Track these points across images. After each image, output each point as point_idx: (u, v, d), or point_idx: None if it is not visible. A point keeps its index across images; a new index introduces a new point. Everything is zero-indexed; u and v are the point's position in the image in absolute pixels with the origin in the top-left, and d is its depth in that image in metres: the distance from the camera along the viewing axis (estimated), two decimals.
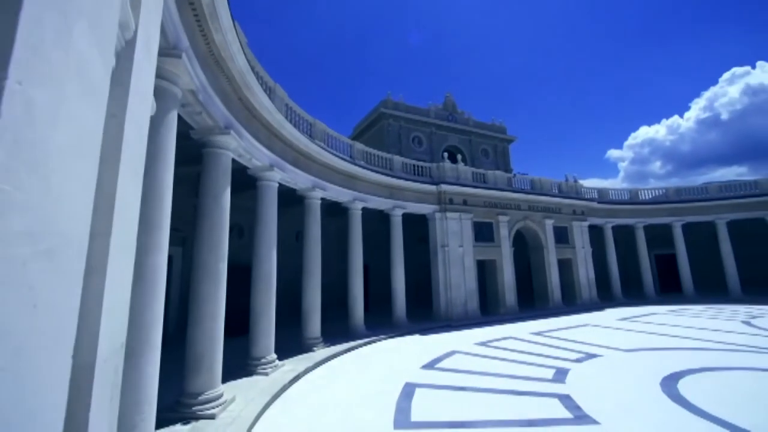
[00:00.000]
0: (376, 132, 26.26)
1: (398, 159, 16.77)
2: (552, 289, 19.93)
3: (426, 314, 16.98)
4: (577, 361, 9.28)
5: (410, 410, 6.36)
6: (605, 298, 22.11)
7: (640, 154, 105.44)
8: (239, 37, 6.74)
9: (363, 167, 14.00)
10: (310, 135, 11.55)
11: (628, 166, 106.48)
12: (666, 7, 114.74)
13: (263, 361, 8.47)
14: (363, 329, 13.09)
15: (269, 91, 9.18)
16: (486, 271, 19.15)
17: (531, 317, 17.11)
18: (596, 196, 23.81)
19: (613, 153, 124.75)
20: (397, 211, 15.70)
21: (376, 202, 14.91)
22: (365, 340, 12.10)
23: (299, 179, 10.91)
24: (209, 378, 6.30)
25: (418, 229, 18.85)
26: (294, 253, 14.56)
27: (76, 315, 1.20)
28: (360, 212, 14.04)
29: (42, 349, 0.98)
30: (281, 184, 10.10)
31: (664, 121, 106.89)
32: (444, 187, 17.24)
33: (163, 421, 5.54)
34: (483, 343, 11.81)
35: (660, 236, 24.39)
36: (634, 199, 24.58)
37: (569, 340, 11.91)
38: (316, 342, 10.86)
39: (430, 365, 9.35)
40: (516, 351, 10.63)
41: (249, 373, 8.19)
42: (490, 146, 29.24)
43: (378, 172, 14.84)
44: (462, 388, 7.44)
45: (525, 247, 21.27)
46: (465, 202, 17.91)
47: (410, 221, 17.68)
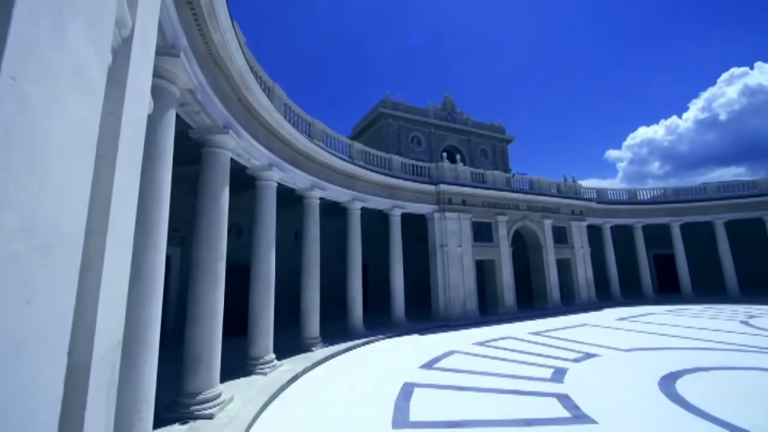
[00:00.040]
0: (375, 132, 26.26)
1: (397, 159, 16.77)
2: (551, 289, 19.95)
3: (425, 314, 16.98)
4: (576, 361, 9.29)
5: (409, 410, 6.37)
6: (604, 298, 22.14)
7: (639, 155, 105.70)
8: (238, 37, 6.73)
9: (362, 167, 13.99)
10: (309, 134, 11.55)
11: (627, 167, 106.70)
12: (664, 8, 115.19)
13: (262, 361, 8.46)
14: (362, 329, 13.09)
15: (268, 91, 9.17)
16: (485, 271, 19.17)
17: (530, 317, 17.13)
18: (595, 196, 23.84)
19: (612, 153, 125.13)
20: (396, 211, 15.70)
21: (375, 202, 14.91)
22: (364, 340, 12.10)
23: (298, 179, 10.91)
24: (207, 378, 6.29)
25: (417, 229, 18.85)
26: (293, 253, 14.56)
27: (72, 312, 1.19)
28: (359, 212, 14.04)
29: (36, 346, 0.97)
30: (280, 184, 10.10)
31: (663, 122, 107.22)
32: (443, 187, 17.24)
33: (161, 421, 5.54)
34: (482, 343, 11.82)
35: (658, 236, 24.44)
36: (633, 200, 24.63)
37: (568, 340, 11.93)
38: (315, 342, 10.85)
39: (429, 365, 9.36)
40: (515, 351, 10.65)
41: (247, 373, 8.18)
42: (489, 146, 29.28)
43: (377, 172, 14.83)
44: (460, 388, 7.45)
45: (524, 247, 21.28)
46: (464, 202, 17.93)
47: (409, 221, 17.69)
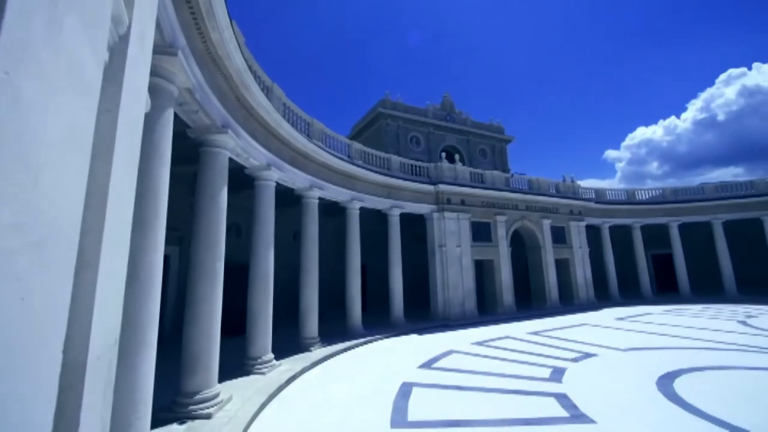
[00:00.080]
0: (374, 132, 26.26)
1: (396, 159, 16.77)
2: (549, 289, 19.97)
3: (423, 314, 16.98)
4: (574, 361, 9.30)
5: (407, 409, 6.36)
6: (602, 298, 22.17)
7: (638, 155, 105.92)
8: (236, 36, 6.72)
9: (361, 167, 13.99)
10: (308, 134, 11.54)
11: (626, 167, 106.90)
12: (662, 8, 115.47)
13: (260, 361, 8.45)
14: (360, 329, 13.08)
15: (267, 91, 9.16)
16: (483, 271, 19.18)
17: (528, 317, 17.14)
18: (593, 197, 23.87)
19: (611, 153, 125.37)
20: (395, 211, 15.70)
21: (374, 202, 14.90)
22: (362, 340, 12.09)
23: (297, 179, 10.90)
24: (206, 377, 6.28)
25: (416, 229, 18.85)
26: (292, 253, 14.55)
27: (67, 309, 1.19)
28: (358, 212, 14.04)
29: (30, 343, 0.97)
30: (279, 184, 10.08)
31: (661, 122, 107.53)
32: (442, 187, 17.25)
33: (159, 421, 5.53)
34: (480, 343, 11.82)
35: (657, 236, 24.50)
36: (631, 200, 24.68)
37: (566, 340, 11.94)
38: (314, 342, 10.84)
39: (428, 365, 9.35)
40: (513, 350, 10.65)
41: (246, 373, 8.17)
42: (488, 146, 29.31)
43: (376, 172, 14.83)
44: (459, 388, 7.45)
45: (522, 247, 21.30)
46: (463, 202, 17.93)
47: (408, 221, 17.69)
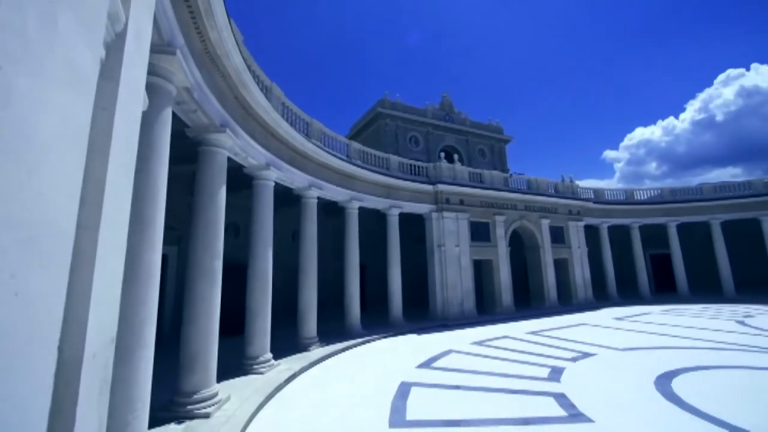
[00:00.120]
0: (373, 132, 26.26)
1: (395, 158, 16.78)
2: (548, 289, 20.00)
3: (422, 314, 16.99)
4: (573, 360, 9.32)
5: (406, 409, 6.37)
6: (601, 298, 22.21)
7: (636, 155, 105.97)
8: (235, 35, 6.72)
9: (360, 167, 13.99)
10: (307, 134, 11.53)
11: (624, 167, 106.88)
12: (660, 9, 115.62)
13: (259, 361, 8.44)
14: (359, 329, 13.08)
15: (265, 90, 9.15)
16: (482, 271, 19.19)
17: (527, 317, 17.16)
18: (592, 197, 23.92)
19: (609, 154, 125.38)
20: (394, 211, 15.70)
21: (373, 202, 14.90)
22: (361, 340, 12.09)
23: (296, 178, 10.89)
24: (204, 377, 6.27)
25: (415, 229, 18.86)
26: (290, 253, 14.53)
27: (62, 306, 1.18)
28: (357, 211, 14.03)
29: (25, 339, 0.96)
30: (277, 183, 10.07)
31: (660, 122, 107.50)
32: (441, 187, 17.26)
33: (157, 420, 5.52)
34: (479, 343, 11.83)
35: (655, 236, 24.56)
36: (630, 200, 24.72)
37: (565, 340, 11.96)
38: (312, 341, 10.84)
39: (426, 364, 9.36)
40: (512, 350, 10.66)
41: (244, 373, 8.16)
42: (487, 146, 29.33)
43: (375, 172, 14.83)
44: (458, 387, 7.45)
45: (521, 247, 21.33)
46: (462, 202, 17.94)
47: (407, 221, 17.69)
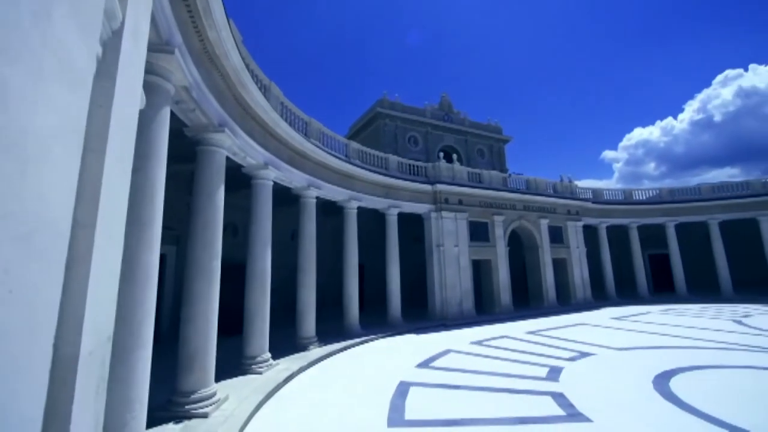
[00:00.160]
0: (372, 131, 26.26)
1: (394, 158, 16.78)
2: (547, 289, 20.02)
3: (421, 314, 16.99)
4: (571, 360, 9.33)
5: (404, 409, 6.37)
6: (599, 298, 22.26)
7: (635, 156, 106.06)
8: (234, 35, 6.71)
9: (359, 166, 13.98)
10: (306, 134, 11.52)
11: (623, 167, 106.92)
12: (659, 9, 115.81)
13: (257, 360, 8.43)
14: (358, 328, 13.07)
15: (264, 90, 9.14)
16: (481, 271, 19.20)
17: (526, 316, 17.18)
18: (591, 197, 23.96)
19: (608, 154, 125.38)
20: (393, 211, 15.70)
21: (372, 202, 14.90)
22: (360, 340, 12.09)
23: (294, 178, 10.88)
24: (202, 376, 6.26)
25: (414, 229, 18.86)
26: (289, 253, 14.51)
27: (57, 303, 1.18)
28: (355, 211, 14.03)
29: (19, 336, 0.96)
30: (276, 183, 10.06)
31: (658, 123, 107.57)
32: (439, 187, 17.26)
33: (155, 420, 5.50)
34: (478, 342, 11.84)
35: (653, 236, 24.61)
36: (628, 200, 24.77)
37: (563, 339, 11.97)
38: (311, 341, 10.83)
39: (425, 364, 9.36)
40: (511, 350, 10.67)
41: (243, 372, 8.15)
42: (486, 146, 29.36)
43: (374, 172, 14.83)
44: (456, 387, 7.46)
45: (520, 247, 21.35)
46: (460, 202, 17.95)
47: (406, 221, 17.69)
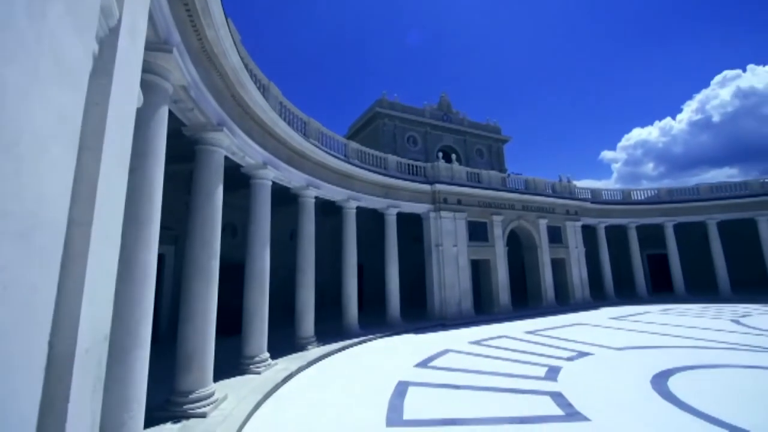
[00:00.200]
0: (371, 131, 26.26)
1: (393, 158, 16.78)
2: (545, 289, 20.05)
3: (420, 313, 16.99)
4: (569, 360, 9.34)
5: (403, 408, 6.36)
6: (598, 298, 22.29)
7: (633, 156, 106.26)
8: (232, 34, 6.70)
9: (358, 166, 13.98)
10: (305, 133, 11.52)
11: (622, 168, 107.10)
12: (658, 10, 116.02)
13: (256, 360, 8.42)
14: (357, 328, 13.07)
15: (263, 89, 9.13)
16: (480, 271, 19.22)
17: (525, 316, 17.19)
18: (589, 197, 23.99)
19: (607, 154, 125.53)
20: (392, 211, 15.70)
21: (371, 201, 14.90)
22: (359, 339, 12.09)
23: (293, 178, 10.88)
24: (200, 376, 6.25)
25: (413, 229, 18.86)
26: (288, 252, 14.50)
27: (53, 301, 1.18)
28: (354, 211, 14.03)
29: (14, 333, 0.96)
30: (275, 183, 10.06)
31: (657, 123, 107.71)
32: (438, 187, 17.27)
33: (153, 420, 5.49)
34: (477, 342, 11.84)
35: (652, 236, 24.65)
36: (627, 200, 24.82)
37: (562, 339, 11.99)
38: (310, 341, 10.82)
39: (424, 364, 9.36)
40: (509, 350, 10.68)
41: (241, 372, 8.15)
42: (485, 146, 29.38)
43: (373, 171, 14.83)
44: (455, 386, 7.46)
45: (519, 247, 21.37)
46: (459, 202, 17.96)
47: (405, 220, 17.69)
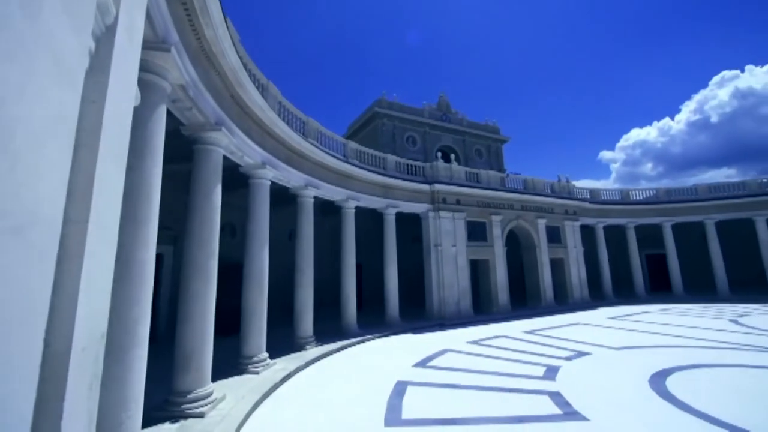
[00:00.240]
0: (371, 131, 26.26)
1: (392, 158, 16.77)
2: (544, 289, 20.07)
3: (419, 313, 16.99)
4: (568, 359, 9.35)
5: (401, 408, 6.36)
6: (597, 297, 22.33)
7: (632, 156, 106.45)
8: (231, 34, 6.69)
9: (357, 166, 13.97)
10: (303, 133, 11.51)
11: (620, 168, 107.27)
12: (656, 10, 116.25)
13: (254, 360, 8.41)
14: (355, 328, 13.06)
15: (262, 89, 9.12)
16: (479, 271, 19.23)
17: (523, 316, 17.21)
18: (588, 197, 24.03)
19: (606, 154, 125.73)
20: (391, 210, 15.70)
21: (370, 201, 14.89)
22: (357, 339, 12.08)
23: (292, 177, 10.86)
24: (198, 376, 6.24)
25: (412, 229, 18.87)
26: (287, 252, 14.48)
27: (48, 298, 1.17)
28: (353, 211, 14.02)
29: (8, 330, 0.95)
30: (274, 182, 10.05)
31: (656, 123, 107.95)
32: (437, 187, 17.28)
33: (151, 420, 5.48)
34: (475, 342, 11.85)
35: (650, 236, 24.70)
36: (626, 200, 24.86)
37: (560, 339, 12.00)
38: (308, 341, 10.81)
39: (422, 363, 9.36)
40: (508, 349, 10.69)
41: (240, 372, 8.13)
42: (484, 146, 29.41)
43: (372, 171, 14.82)
44: (454, 386, 7.46)
45: (518, 247, 21.39)
46: (458, 202, 17.97)
47: (404, 220, 17.69)
